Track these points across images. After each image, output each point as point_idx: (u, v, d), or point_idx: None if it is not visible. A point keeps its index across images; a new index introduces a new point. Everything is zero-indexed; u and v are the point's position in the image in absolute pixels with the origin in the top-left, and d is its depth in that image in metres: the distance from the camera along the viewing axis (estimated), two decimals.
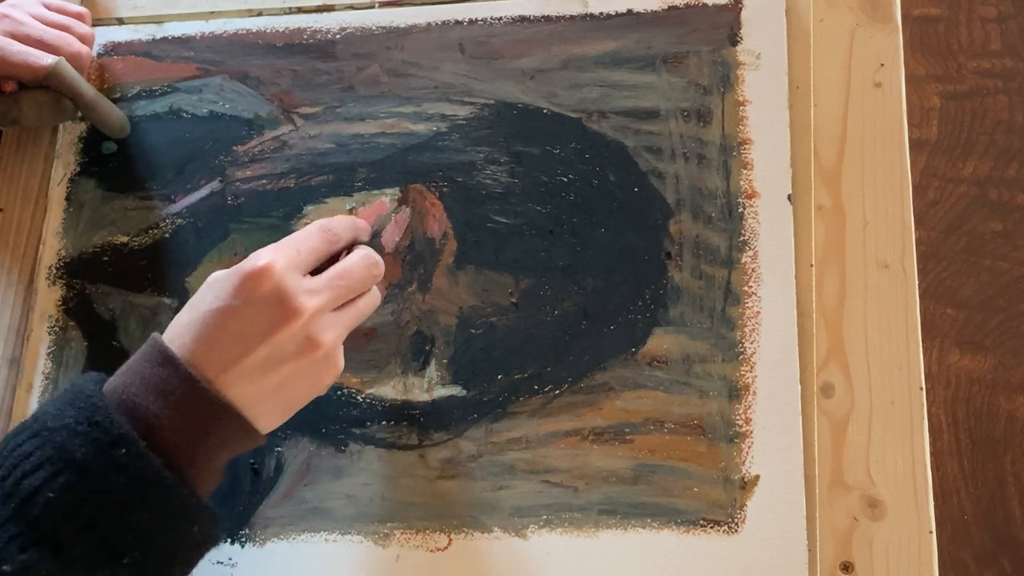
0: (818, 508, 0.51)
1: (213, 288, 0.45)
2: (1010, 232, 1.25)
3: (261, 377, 0.44)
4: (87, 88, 0.61)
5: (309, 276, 0.47)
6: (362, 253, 0.50)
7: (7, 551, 0.41)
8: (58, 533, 0.41)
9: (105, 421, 0.42)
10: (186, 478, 0.43)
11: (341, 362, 0.48)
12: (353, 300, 0.49)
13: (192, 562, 0.46)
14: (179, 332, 0.45)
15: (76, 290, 0.60)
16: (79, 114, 0.62)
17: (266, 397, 0.45)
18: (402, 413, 0.55)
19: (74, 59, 0.61)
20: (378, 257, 0.50)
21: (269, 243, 0.47)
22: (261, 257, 0.45)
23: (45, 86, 0.60)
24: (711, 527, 0.51)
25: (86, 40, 0.63)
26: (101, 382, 0.44)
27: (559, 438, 0.54)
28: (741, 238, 0.56)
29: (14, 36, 0.59)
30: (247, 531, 0.54)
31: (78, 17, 0.64)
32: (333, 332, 0.47)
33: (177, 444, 0.43)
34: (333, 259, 0.49)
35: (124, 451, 0.41)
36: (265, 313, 0.44)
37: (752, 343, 0.54)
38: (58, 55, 0.60)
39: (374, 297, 0.51)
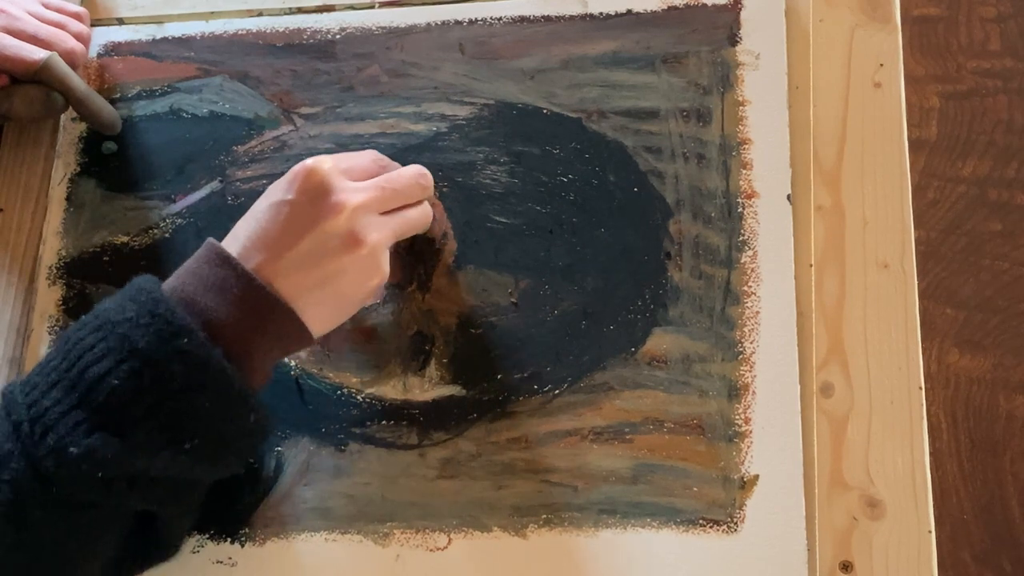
0: (817, 508, 0.51)
1: (266, 193, 0.49)
2: (1010, 232, 1.25)
3: (308, 269, 0.46)
4: (79, 84, 0.61)
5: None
6: (412, 166, 0.52)
7: (74, 435, 0.42)
8: (122, 418, 0.43)
9: (167, 313, 0.43)
10: (242, 370, 0.45)
11: (386, 267, 0.49)
12: (402, 209, 0.51)
13: (248, 452, 0.48)
14: (234, 235, 0.48)
15: (76, 290, 0.60)
16: (70, 110, 0.62)
17: (312, 291, 0.47)
18: (402, 413, 0.55)
19: (67, 56, 0.61)
20: (426, 171, 0.53)
21: None
22: (311, 159, 0.48)
23: (37, 81, 0.60)
24: (710, 527, 0.51)
25: (81, 38, 0.63)
26: (158, 282, 0.46)
27: (559, 438, 0.54)
28: (740, 238, 0.56)
29: (9, 31, 0.60)
30: (247, 531, 0.54)
31: (76, 16, 0.64)
32: (378, 233, 0.48)
33: (234, 338, 0.45)
34: None
35: (185, 340, 0.43)
36: (311, 205, 0.47)
37: (752, 343, 0.54)
38: (51, 51, 0.60)
39: (424, 209, 0.53)
